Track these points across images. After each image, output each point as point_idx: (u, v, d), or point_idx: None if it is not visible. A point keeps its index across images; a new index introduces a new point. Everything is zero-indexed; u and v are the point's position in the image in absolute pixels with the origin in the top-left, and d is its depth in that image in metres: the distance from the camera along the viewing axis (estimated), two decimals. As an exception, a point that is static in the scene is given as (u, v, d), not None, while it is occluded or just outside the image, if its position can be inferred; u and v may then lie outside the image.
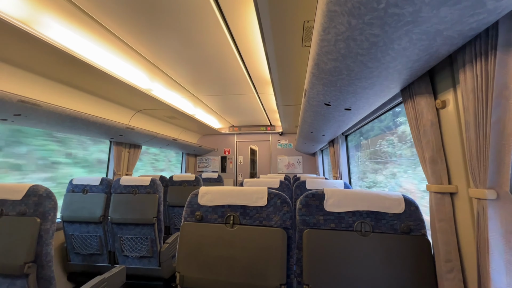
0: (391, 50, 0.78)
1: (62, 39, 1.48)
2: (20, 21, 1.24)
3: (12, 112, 1.69)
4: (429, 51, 0.77)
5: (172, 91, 2.66)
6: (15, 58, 1.57)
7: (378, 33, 0.70)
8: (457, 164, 0.89)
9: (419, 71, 0.92)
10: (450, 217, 0.90)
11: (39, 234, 1.21)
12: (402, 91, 1.11)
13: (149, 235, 2.18)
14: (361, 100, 1.34)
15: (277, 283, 0.99)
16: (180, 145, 4.28)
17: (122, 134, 2.81)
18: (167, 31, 1.54)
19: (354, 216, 1.00)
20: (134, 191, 2.26)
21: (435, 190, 0.92)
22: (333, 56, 0.92)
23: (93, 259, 2.34)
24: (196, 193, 1.16)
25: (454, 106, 0.89)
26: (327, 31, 0.78)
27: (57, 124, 2.11)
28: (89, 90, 2.25)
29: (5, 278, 1.18)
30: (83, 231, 2.31)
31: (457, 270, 0.86)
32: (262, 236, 1.04)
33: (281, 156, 5.46)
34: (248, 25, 1.52)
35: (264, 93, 2.92)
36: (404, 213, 0.97)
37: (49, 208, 1.25)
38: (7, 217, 1.24)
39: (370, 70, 0.94)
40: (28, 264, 1.16)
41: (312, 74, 1.18)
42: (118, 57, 1.82)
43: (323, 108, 1.63)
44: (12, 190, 1.27)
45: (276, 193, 1.10)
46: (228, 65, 2.08)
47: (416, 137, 1.01)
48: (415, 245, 0.93)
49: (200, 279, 1.05)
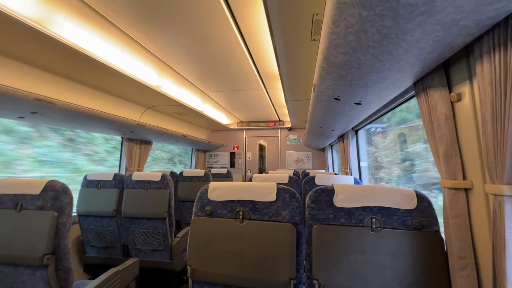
0: (404, 42, 0.76)
1: (74, 38, 1.51)
2: (35, 21, 1.28)
3: (28, 110, 1.75)
4: (444, 42, 0.74)
5: (181, 87, 2.69)
6: (30, 57, 1.62)
7: (390, 25, 0.68)
8: (473, 159, 0.86)
9: (432, 63, 0.89)
10: (465, 213, 0.88)
11: (56, 227, 1.26)
12: (414, 84, 1.08)
13: (160, 229, 2.23)
14: (372, 94, 1.31)
15: (286, 278, 0.99)
16: (189, 141, 4.33)
17: (133, 130, 2.86)
18: (175, 27, 1.54)
19: (365, 212, 0.99)
20: (145, 187, 2.32)
21: (449, 185, 0.90)
22: (343, 50, 0.90)
23: (108, 252, 2.42)
24: (206, 188, 1.18)
25: (470, 99, 0.85)
26: (336, 23, 0.77)
27: (71, 121, 2.17)
28: (101, 88, 2.30)
29: (26, 268, 1.24)
30: (97, 224, 2.39)
31: (471, 267, 0.84)
32: (272, 231, 1.05)
33: (290, 151, 5.44)
34: (256, 19, 1.50)
35: (272, 88, 2.90)
36: (416, 209, 0.95)
37: (65, 202, 1.30)
38: (26, 211, 1.30)
39: (382, 63, 0.92)
40: (47, 255, 1.21)
41: (322, 68, 1.16)
42: (128, 54, 1.84)
43: (333, 102, 1.60)
44: (30, 185, 1.32)
45: (285, 189, 1.10)
46: (237, 61, 2.07)
47: (429, 131, 0.99)
48: (428, 242, 0.92)
49: (210, 273, 1.07)
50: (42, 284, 1.23)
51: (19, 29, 1.28)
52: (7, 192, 1.33)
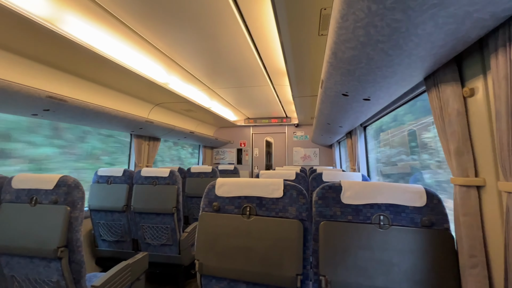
0: (414, 36, 0.74)
1: (84, 36, 1.53)
2: (46, 20, 1.30)
3: (41, 107, 1.80)
4: (457, 36, 0.72)
5: (188, 84, 2.70)
6: (42, 56, 1.66)
7: (400, 18, 0.67)
8: (485, 156, 0.84)
9: (444, 57, 0.86)
10: (476, 211, 0.86)
11: (69, 221, 1.30)
12: (425, 79, 1.06)
13: (169, 224, 2.27)
14: (381, 90, 1.29)
15: (293, 273, 1.00)
16: (197, 138, 4.37)
17: (142, 127, 2.90)
18: (182, 24, 1.55)
19: (372, 209, 0.98)
20: (154, 182, 2.36)
21: (461, 183, 0.88)
22: (352, 44, 0.88)
23: (118, 246, 2.48)
24: (213, 184, 1.19)
25: (483, 94, 0.83)
26: (345, 18, 0.75)
27: (82, 118, 2.22)
28: (111, 85, 2.34)
29: (42, 260, 1.29)
30: (108, 219, 2.45)
31: (482, 266, 0.82)
32: (278, 227, 1.05)
33: (297, 148, 5.41)
34: (263, 14, 1.49)
35: (279, 85, 2.89)
36: (426, 206, 0.94)
37: (77, 197, 1.34)
38: (41, 205, 1.34)
39: (391, 58, 0.90)
40: (60, 248, 1.26)
41: (329, 64, 1.14)
42: (136, 51, 1.86)
43: (341, 98, 1.58)
44: (44, 180, 1.37)
45: (292, 185, 1.10)
46: (243, 57, 2.07)
47: (440, 127, 0.97)
48: (437, 240, 0.90)
49: (218, 267, 1.09)
50: (56, 275, 1.27)
51: (31, 28, 1.31)
52: (23, 187, 1.38)
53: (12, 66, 1.60)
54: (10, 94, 1.51)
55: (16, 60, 1.61)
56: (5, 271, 1.35)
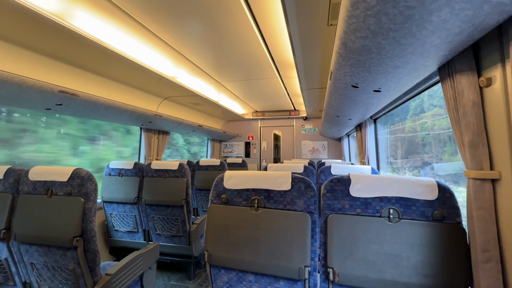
0: (429, 24, 0.71)
1: (93, 31, 1.55)
2: (56, 15, 1.32)
3: (54, 102, 1.84)
4: (474, 22, 0.69)
5: (196, 77, 2.70)
6: (53, 51, 1.69)
7: (413, 5, 0.64)
8: (502, 149, 0.81)
9: (460, 45, 0.83)
10: (491, 205, 0.83)
11: (83, 212, 1.34)
12: (439, 69, 1.02)
13: (179, 216, 2.32)
14: (392, 81, 1.26)
15: (301, 265, 1.01)
16: (205, 131, 4.40)
17: (151, 121, 2.94)
18: (190, 17, 1.54)
19: (382, 202, 0.97)
20: (164, 175, 2.40)
21: (475, 176, 0.85)
22: (362, 34, 0.86)
23: (130, 236, 2.56)
24: (221, 177, 1.20)
25: (501, 84, 0.79)
26: (355, 6, 0.73)
27: (93, 112, 2.26)
28: (120, 80, 2.36)
29: (58, 249, 1.35)
30: (120, 210, 2.52)
31: (495, 260, 0.81)
32: (286, 220, 1.06)
33: (305, 141, 5.37)
34: (270, 5, 1.46)
35: (287, 77, 2.85)
36: (438, 200, 0.92)
37: (90, 189, 1.38)
38: (56, 196, 1.39)
39: (404, 47, 0.87)
40: (76, 238, 1.31)
41: (339, 55, 1.12)
42: (145, 45, 1.87)
43: (350, 90, 1.55)
44: (59, 173, 1.41)
45: (300, 178, 1.10)
46: (251, 49, 2.04)
47: (454, 119, 0.93)
48: (449, 234, 0.89)
49: (226, 258, 1.11)
50: (72, 263, 1.33)
51: (42, 23, 1.33)
52: (39, 179, 1.43)
53: (25, 61, 1.64)
54: (24, 89, 1.55)
55: (28, 55, 1.65)
56: (25, 259, 1.42)
